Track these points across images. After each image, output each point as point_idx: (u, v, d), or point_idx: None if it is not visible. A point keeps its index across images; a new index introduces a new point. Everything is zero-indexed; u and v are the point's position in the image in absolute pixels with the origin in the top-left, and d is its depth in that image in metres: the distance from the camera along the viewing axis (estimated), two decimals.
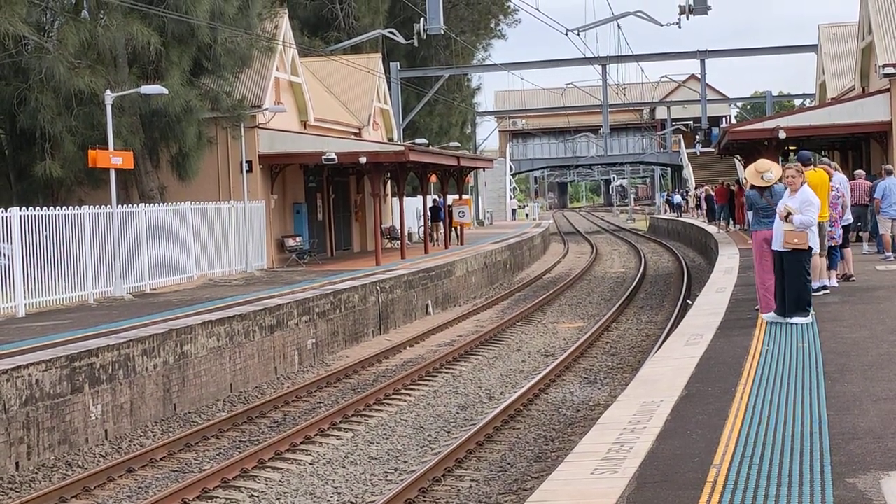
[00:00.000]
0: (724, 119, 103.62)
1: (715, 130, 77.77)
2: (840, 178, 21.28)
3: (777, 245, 15.38)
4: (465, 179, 52.87)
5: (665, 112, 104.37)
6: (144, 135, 32.37)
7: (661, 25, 56.55)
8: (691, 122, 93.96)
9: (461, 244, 48.96)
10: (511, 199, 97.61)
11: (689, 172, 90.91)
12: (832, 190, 19.56)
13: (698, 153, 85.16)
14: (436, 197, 53.97)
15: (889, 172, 25.58)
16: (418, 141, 52.63)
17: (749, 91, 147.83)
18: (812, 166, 19.30)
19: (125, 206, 28.98)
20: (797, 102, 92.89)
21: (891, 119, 36.45)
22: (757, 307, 16.88)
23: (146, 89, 27.89)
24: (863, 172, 26.39)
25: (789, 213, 15.16)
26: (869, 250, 26.90)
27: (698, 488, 7.80)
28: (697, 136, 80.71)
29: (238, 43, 34.01)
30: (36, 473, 15.65)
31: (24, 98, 30.04)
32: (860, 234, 28.33)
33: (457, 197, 50.92)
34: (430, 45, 67.82)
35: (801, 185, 15.56)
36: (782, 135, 36.29)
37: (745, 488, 7.75)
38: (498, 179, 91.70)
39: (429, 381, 22.12)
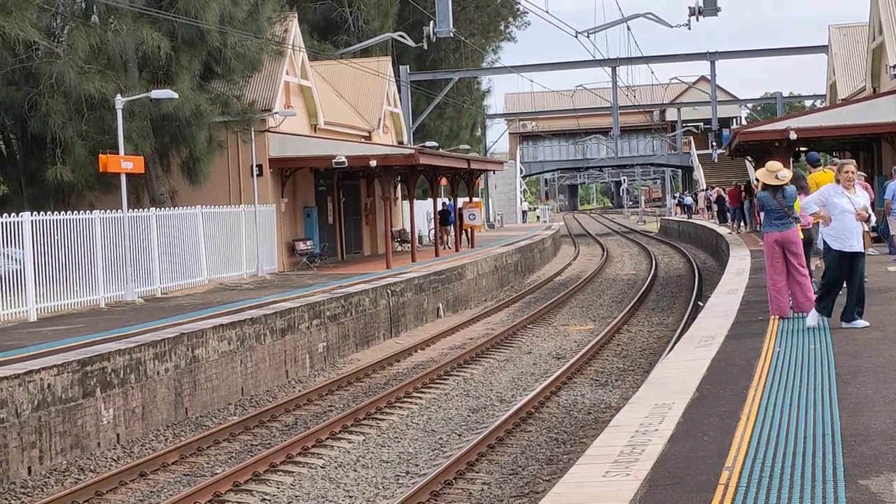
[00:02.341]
0: (734, 120, 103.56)
1: (725, 132, 77.67)
2: None
3: (860, 246, 15.01)
4: (476, 182, 52.85)
5: (675, 114, 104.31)
6: (155, 139, 32.42)
7: (671, 27, 56.55)
8: (701, 124, 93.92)
9: (472, 247, 48.94)
10: (521, 201, 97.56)
11: (699, 174, 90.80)
12: None
13: (714, 159, 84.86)
14: (445, 200, 53.97)
15: None
16: (428, 144, 52.72)
17: (759, 92, 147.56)
18: (821, 167, 19.29)
19: (136, 210, 29.02)
20: (807, 103, 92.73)
21: None
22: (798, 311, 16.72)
23: (156, 94, 27.93)
24: (863, 174, 26.28)
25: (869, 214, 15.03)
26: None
27: (710, 490, 7.79)
28: (714, 143, 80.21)
29: (248, 47, 34.04)
30: (48, 478, 15.68)
31: (34, 103, 30.10)
32: None
33: (467, 200, 50.92)
34: (440, 49, 67.80)
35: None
36: (793, 136, 36.19)
37: (758, 490, 7.73)
38: (508, 182, 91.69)
39: (440, 384, 22.11)
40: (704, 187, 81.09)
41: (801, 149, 39.73)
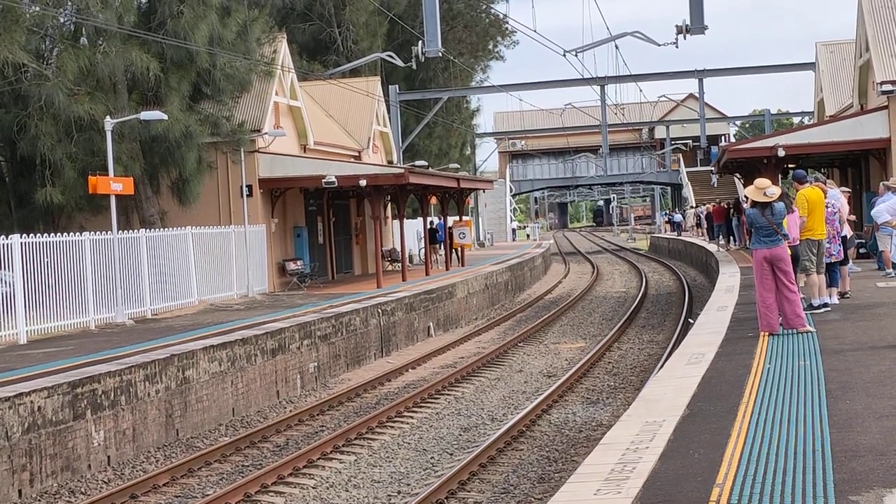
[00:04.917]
0: (722, 138, 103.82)
1: (714, 149, 77.80)
2: (834, 193, 21.26)
3: None
4: (466, 201, 52.93)
5: (664, 131, 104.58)
6: (144, 160, 32.42)
7: (659, 45, 56.59)
8: (690, 142, 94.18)
9: (462, 266, 48.97)
10: (511, 220, 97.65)
11: (688, 191, 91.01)
12: (828, 206, 19.55)
13: (714, 184, 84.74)
14: (435, 219, 54.00)
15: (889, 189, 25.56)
16: (418, 163, 52.73)
17: (748, 109, 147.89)
18: (808, 184, 19.34)
19: (126, 231, 29.00)
20: (796, 120, 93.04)
21: (889, 136, 36.49)
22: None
23: (146, 115, 27.95)
24: (847, 190, 26.34)
25: None
26: (858, 269, 26.68)
27: None
28: (712, 170, 79.80)
29: (237, 68, 34.10)
30: (38, 501, 15.63)
31: (24, 125, 30.10)
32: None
33: (457, 218, 50.97)
34: (429, 68, 67.97)
35: None
36: (781, 153, 36.31)
37: None
38: (498, 200, 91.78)
39: (431, 403, 22.11)
40: (694, 205, 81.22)
41: (790, 165, 39.88)
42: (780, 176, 38.55)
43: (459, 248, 50.30)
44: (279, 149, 37.67)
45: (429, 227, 47.71)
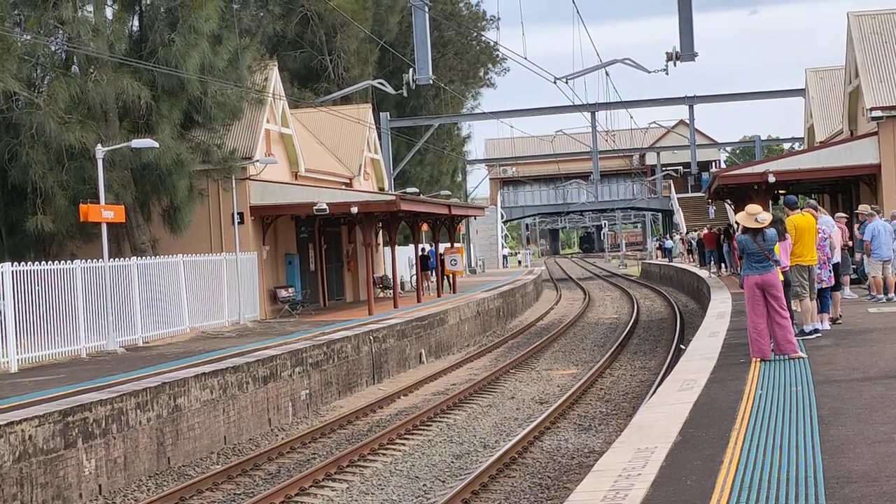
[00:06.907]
0: (713, 164, 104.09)
1: (705, 175, 77.93)
2: (826, 219, 21.31)
3: None
4: (457, 228, 52.95)
5: (655, 158, 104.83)
6: (136, 188, 32.43)
7: (649, 72, 56.78)
8: (681, 168, 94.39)
9: (454, 292, 48.95)
10: (503, 246, 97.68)
11: (679, 217, 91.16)
12: (819, 232, 19.59)
13: (711, 215, 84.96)
14: (426, 246, 54.02)
15: (876, 213, 25.66)
16: (409, 190, 52.83)
17: (738, 135, 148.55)
18: (799, 210, 19.38)
19: (117, 259, 28.97)
20: (786, 146, 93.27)
21: (879, 162, 36.62)
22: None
23: (137, 143, 27.96)
24: (844, 216, 26.39)
25: None
26: (853, 296, 26.72)
27: None
28: (709, 200, 79.90)
29: (228, 95, 34.14)
30: None
31: (15, 153, 30.10)
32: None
33: (449, 245, 51.01)
34: (420, 95, 68.13)
35: None
36: (772, 179, 36.41)
37: None
38: (489, 227, 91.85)
39: (423, 430, 22.06)
40: (685, 231, 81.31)
41: (780, 191, 39.98)
42: (770, 202, 38.64)
43: (451, 275, 50.29)
44: (270, 176, 37.70)
45: (420, 253, 47.75)
